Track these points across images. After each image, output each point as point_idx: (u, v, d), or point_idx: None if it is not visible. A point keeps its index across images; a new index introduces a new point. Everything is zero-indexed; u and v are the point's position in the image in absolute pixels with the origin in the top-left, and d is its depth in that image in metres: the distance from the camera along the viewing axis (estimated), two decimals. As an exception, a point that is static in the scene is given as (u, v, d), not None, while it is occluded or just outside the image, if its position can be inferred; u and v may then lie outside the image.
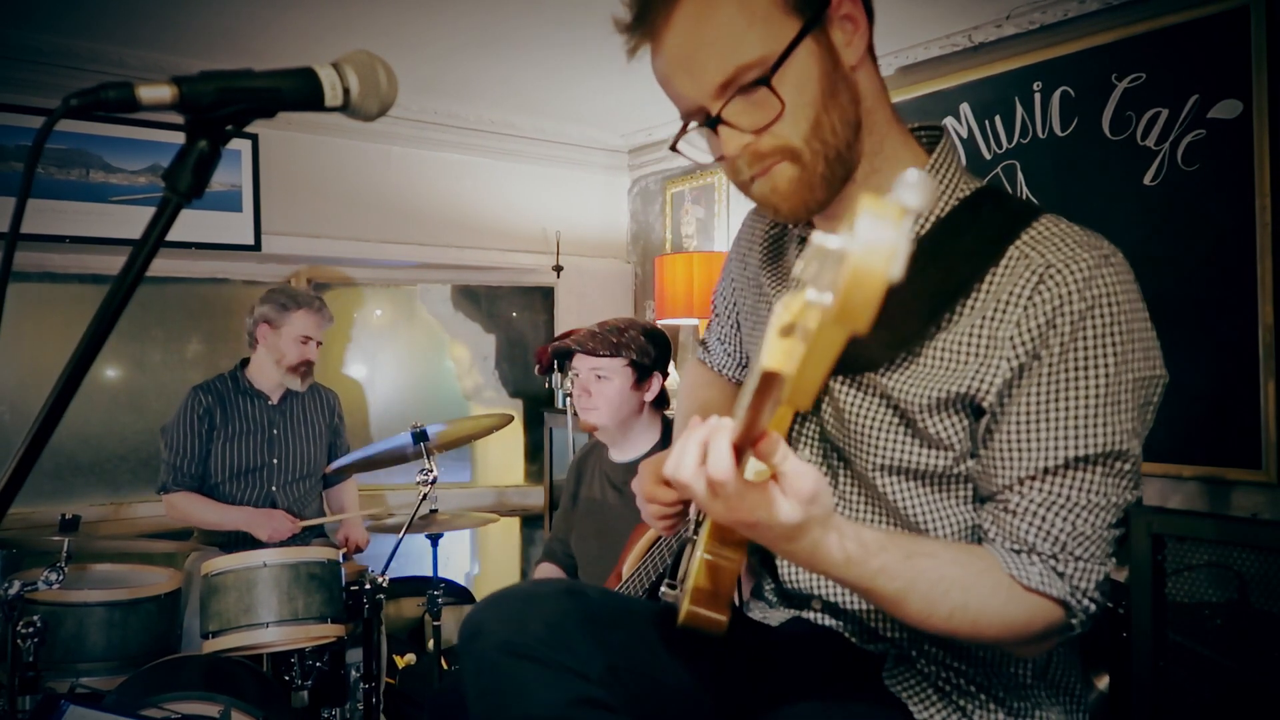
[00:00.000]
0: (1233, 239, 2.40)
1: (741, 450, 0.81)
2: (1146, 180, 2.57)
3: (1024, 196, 2.86)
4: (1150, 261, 2.56)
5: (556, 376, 3.53)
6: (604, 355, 2.41)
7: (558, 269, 4.17)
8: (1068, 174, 2.75)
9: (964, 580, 0.96)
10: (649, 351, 2.44)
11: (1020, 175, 2.88)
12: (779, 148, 1.01)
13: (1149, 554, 1.88)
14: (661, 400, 2.52)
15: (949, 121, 3.06)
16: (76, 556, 2.37)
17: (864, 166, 1.06)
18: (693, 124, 1.05)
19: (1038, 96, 2.82)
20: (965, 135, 3.02)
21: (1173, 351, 1.01)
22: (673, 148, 1.08)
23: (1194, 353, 2.47)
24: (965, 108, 3.02)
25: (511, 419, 2.99)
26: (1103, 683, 2.09)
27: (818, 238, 0.59)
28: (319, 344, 3.20)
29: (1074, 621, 0.98)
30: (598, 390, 2.42)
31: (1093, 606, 0.98)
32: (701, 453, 0.83)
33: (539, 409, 4.31)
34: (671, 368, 3.19)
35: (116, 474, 3.55)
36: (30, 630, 2.11)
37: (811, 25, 0.98)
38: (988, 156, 2.96)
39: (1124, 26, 2.61)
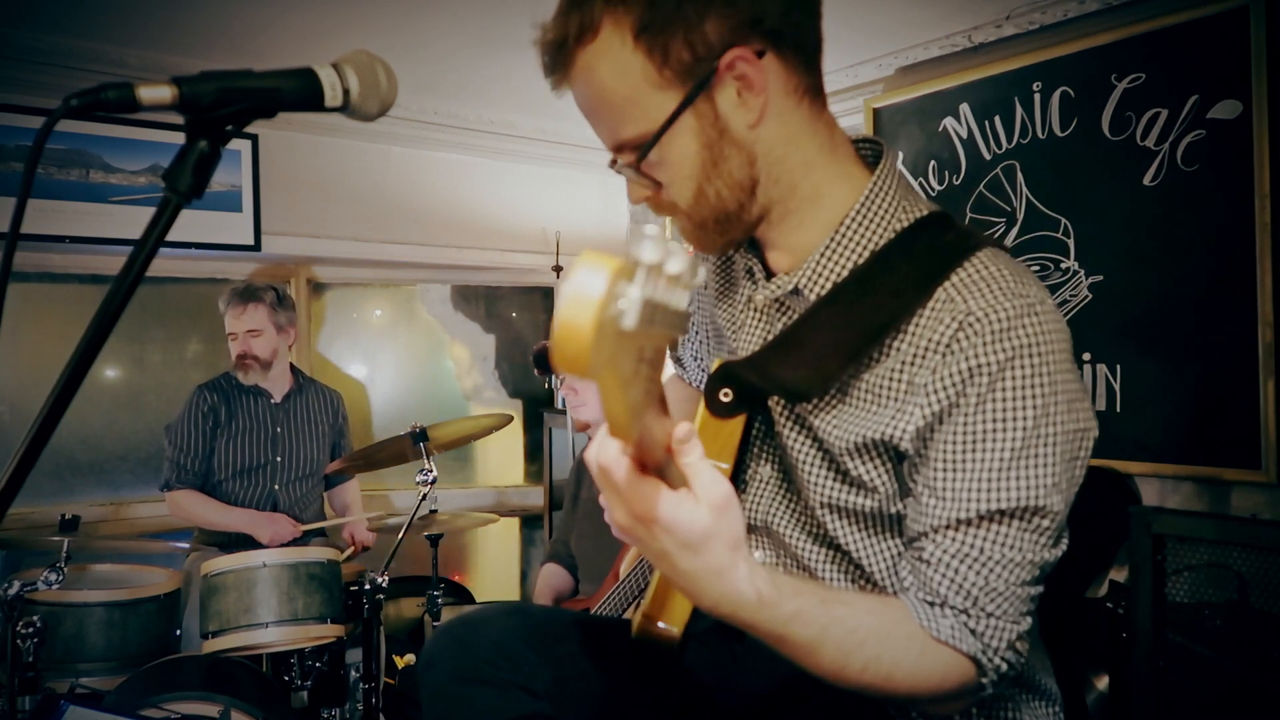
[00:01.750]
0: (1233, 239, 2.40)
1: (653, 466, 0.76)
2: (1146, 180, 2.56)
3: (1024, 197, 2.87)
4: (1150, 261, 2.57)
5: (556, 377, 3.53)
6: None
7: (557, 269, 4.16)
8: (1067, 174, 2.75)
9: (880, 630, 0.93)
10: None
11: (1020, 175, 2.88)
12: (670, 204, 1.04)
13: (1149, 554, 1.88)
14: None
15: (948, 122, 3.06)
16: (76, 556, 2.37)
17: (777, 209, 1.05)
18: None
19: (1037, 97, 2.82)
20: (965, 135, 3.02)
21: (1173, 352, 1.01)
22: (612, 164, 1.10)
23: (1194, 352, 2.47)
24: (965, 108, 3.02)
25: (511, 419, 2.99)
26: (1102, 683, 2.09)
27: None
28: (256, 332, 3.15)
29: (985, 681, 0.95)
30: (583, 385, 2.43)
31: (1004, 666, 0.96)
32: (599, 445, 0.78)
33: (539, 409, 4.31)
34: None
35: (116, 474, 3.55)
36: (30, 630, 2.12)
37: (693, 97, 0.96)
38: (987, 157, 2.96)
39: (1123, 27, 2.61)
